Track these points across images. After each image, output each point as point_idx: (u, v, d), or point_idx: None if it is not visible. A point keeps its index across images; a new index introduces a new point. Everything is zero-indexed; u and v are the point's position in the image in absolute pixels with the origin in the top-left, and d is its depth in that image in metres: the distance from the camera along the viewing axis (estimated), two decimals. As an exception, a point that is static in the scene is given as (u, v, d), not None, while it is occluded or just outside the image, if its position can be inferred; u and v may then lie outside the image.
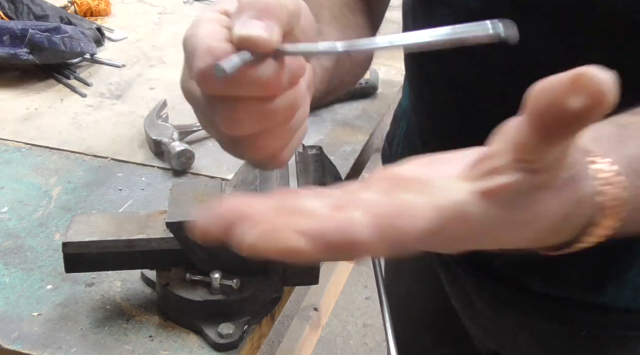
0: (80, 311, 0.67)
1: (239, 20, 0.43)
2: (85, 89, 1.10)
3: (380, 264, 0.66)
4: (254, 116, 0.45)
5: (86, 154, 0.92)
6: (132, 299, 0.68)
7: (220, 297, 0.64)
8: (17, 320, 0.66)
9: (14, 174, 0.87)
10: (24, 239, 0.76)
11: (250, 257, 0.32)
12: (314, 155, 0.69)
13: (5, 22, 1.11)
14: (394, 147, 0.89)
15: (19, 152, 0.93)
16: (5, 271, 0.72)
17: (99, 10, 1.37)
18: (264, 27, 0.43)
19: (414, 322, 0.98)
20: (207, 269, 0.64)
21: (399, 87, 1.11)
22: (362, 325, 2.18)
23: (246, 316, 0.65)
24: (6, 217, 0.80)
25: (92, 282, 0.70)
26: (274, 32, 0.43)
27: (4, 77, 1.11)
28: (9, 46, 1.08)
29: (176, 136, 0.91)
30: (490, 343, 0.85)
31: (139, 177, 0.87)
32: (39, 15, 1.20)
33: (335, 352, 2.11)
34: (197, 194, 0.66)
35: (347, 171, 0.89)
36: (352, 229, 0.31)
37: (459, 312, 0.86)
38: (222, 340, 0.63)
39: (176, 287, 0.64)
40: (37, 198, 0.83)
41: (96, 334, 0.64)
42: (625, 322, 0.72)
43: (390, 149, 0.91)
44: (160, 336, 0.64)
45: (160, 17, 1.40)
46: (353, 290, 2.25)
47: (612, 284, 0.70)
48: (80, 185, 0.86)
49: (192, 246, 0.64)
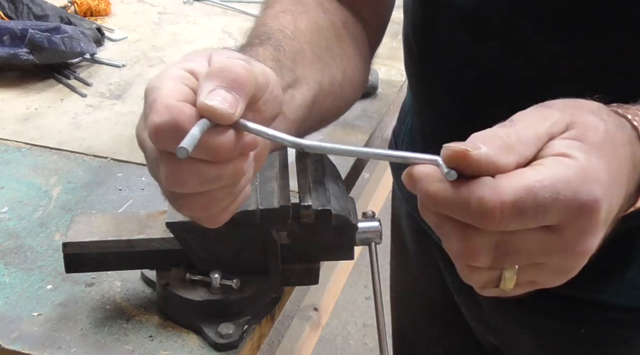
0: (80, 311, 0.67)
1: (205, 87, 0.44)
2: (85, 89, 1.10)
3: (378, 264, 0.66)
4: (198, 178, 0.45)
5: (86, 154, 0.92)
6: (132, 299, 0.68)
7: (220, 297, 0.64)
8: (17, 320, 0.66)
9: (14, 174, 0.87)
10: (24, 239, 0.76)
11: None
12: (314, 155, 0.69)
13: (5, 22, 1.11)
14: (400, 142, 0.90)
15: (19, 152, 0.93)
16: (5, 271, 0.72)
17: (99, 10, 1.37)
18: (230, 101, 0.43)
19: (421, 314, 0.99)
20: (207, 269, 0.64)
21: (399, 87, 1.11)
22: (362, 325, 2.18)
23: (246, 316, 0.65)
24: (6, 217, 0.80)
25: (92, 282, 0.70)
26: (238, 107, 0.43)
27: (4, 77, 1.10)
28: (9, 46, 1.08)
29: (176, 136, 0.91)
30: (492, 340, 0.85)
31: (139, 177, 0.87)
32: (39, 15, 1.20)
33: (335, 352, 2.11)
34: (197, 194, 0.66)
35: (347, 171, 0.89)
36: None
37: (462, 307, 0.86)
38: (222, 340, 0.63)
39: (176, 287, 0.64)
40: (37, 198, 0.83)
41: (96, 334, 0.64)
42: (626, 320, 0.72)
43: (396, 144, 0.91)
44: (160, 336, 0.64)
45: (160, 17, 1.40)
46: (353, 290, 2.25)
47: (613, 281, 0.70)
48: (80, 185, 0.86)
49: (192, 246, 0.64)
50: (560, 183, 0.41)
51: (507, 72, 0.65)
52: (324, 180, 0.65)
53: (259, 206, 0.61)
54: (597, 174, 0.42)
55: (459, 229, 0.42)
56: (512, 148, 0.42)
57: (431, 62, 0.73)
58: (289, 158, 0.68)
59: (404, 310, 1.03)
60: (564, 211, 0.41)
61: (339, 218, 0.63)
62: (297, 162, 0.68)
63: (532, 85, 0.64)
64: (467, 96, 0.69)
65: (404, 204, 0.90)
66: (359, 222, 0.65)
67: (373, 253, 0.66)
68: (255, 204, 0.61)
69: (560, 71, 0.62)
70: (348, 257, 0.67)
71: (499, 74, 0.65)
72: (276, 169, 0.66)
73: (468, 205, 0.41)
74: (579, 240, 0.43)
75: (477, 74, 0.67)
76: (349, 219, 0.64)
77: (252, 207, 0.61)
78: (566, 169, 0.41)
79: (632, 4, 0.57)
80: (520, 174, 0.41)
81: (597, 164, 0.42)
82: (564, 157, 0.42)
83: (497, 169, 0.41)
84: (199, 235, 0.63)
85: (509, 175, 0.41)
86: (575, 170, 0.41)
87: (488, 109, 0.68)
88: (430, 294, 0.94)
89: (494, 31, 0.64)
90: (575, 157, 0.42)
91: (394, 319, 1.05)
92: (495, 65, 0.65)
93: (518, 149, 0.42)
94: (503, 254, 0.43)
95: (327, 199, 0.63)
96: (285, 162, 0.67)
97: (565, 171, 0.41)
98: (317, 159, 0.68)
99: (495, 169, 0.41)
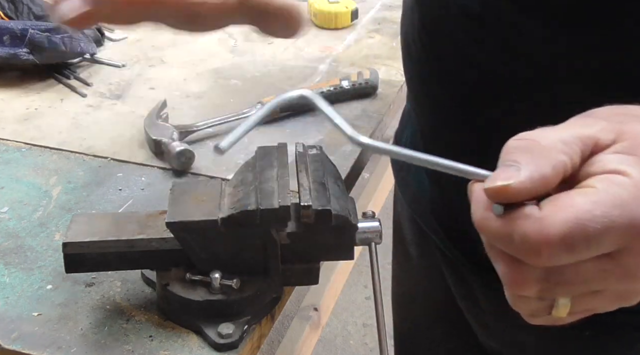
0: (80, 311, 0.67)
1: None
2: (85, 89, 1.10)
3: (378, 264, 0.66)
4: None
5: (86, 154, 0.92)
6: (132, 299, 0.68)
7: (220, 297, 0.64)
8: (17, 320, 0.66)
9: (14, 174, 0.87)
10: (24, 239, 0.76)
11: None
12: (314, 155, 0.69)
13: (5, 22, 1.11)
14: (402, 144, 0.90)
15: (19, 152, 0.93)
16: (5, 271, 0.72)
17: (99, 10, 1.37)
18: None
19: (423, 316, 0.99)
20: (207, 269, 0.64)
21: (399, 87, 1.11)
22: (362, 325, 2.18)
23: (246, 316, 0.65)
24: (6, 217, 0.80)
25: (92, 282, 0.70)
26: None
27: (4, 77, 1.10)
28: (9, 46, 1.08)
29: (176, 136, 0.91)
30: (494, 343, 0.85)
31: (139, 177, 0.87)
32: (39, 15, 1.20)
33: (335, 352, 2.11)
34: (197, 194, 0.66)
35: (347, 171, 0.89)
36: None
37: (464, 310, 0.86)
38: (222, 340, 0.63)
39: (176, 287, 0.64)
40: (37, 198, 0.83)
41: (96, 334, 0.64)
42: (631, 323, 0.71)
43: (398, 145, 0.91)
44: (160, 336, 0.64)
45: (160, 17, 1.40)
46: (353, 290, 2.25)
47: None
48: (80, 185, 0.86)
49: (192, 246, 0.64)
50: (614, 209, 0.37)
51: (507, 72, 0.65)
52: (324, 180, 0.65)
53: (259, 206, 0.61)
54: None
55: (506, 257, 0.40)
56: (555, 153, 0.39)
57: (431, 62, 0.73)
58: (289, 158, 0.68)
59: (406, 312, 1.02)
60: (621, 238, 0.38)
61: (339, 218, 0.63)
62: (297, 162, 0.68)
63: (532, 85, 0.64)
64: (467, 96, 0.69)
65: (406, 207, 0.90)
66: (359, 222, 0.65)
67: (373, 253, 0.66)
68: (255, 204, 0.61)
69: (561, 71, 0.62)
70: (348, 257, 0.67)
71: (499, 74, 0.65)
72: (276, 169, 0.66)
73: (512, 240, 0.38)
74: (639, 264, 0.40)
75: (477, 74, 0.67)
76: (349, 219, 0.64)
77: (252, 207, 0.61)
78: (620, 189, 0.38)
79: (633, 3, 0.57)
80: (567, 202, 0.38)
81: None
82: (616, 174, 0.39)
83: (545, 185, 0.39)
84: (199, 235, 0.63)
85: (555, 205, 0.38)
86: (631, 190, 0.38)
87: (488, 108, 0.68)
88: (432, 296, 0.94)
89: (494, 31, 0.64)
90: (630, 174, 0.38)
91: (396, 320, 1.05)
92: (495, 65, 0.65)
93: (561, 153, 0.39)
94: (554, 285, 0.40)
95: (327, 199, 0.63)
96: (285, 162, 0.67)
97: (619, 193, 0.38)
98: (317, 159, 0.68)
99: (543, 186, 0.39)
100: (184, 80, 1.13)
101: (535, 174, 0.38)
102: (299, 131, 0.97)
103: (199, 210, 0.63)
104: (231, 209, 0.62)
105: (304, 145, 0.70)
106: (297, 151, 0.69)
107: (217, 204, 0.64)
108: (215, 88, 1.11)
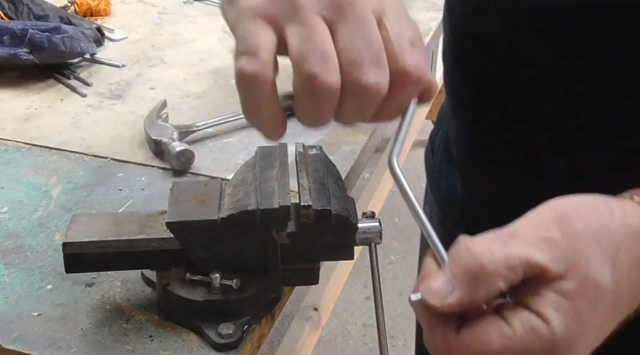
0: (80, 311, 0.67)
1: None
2: (85, 89, 1.10)
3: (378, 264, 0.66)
4: None
5: (86, 154, 0.92)
6: (132, 299, 0.68)
7: (220, 297, 0.64)
8: (17, 320, 0.66)
9: (14, 174, 0.87)
10: (24, 239, 0.76)
11: None
12: (314, 155, 0.69)
13: (5, 22, 1.11)
14: (436, 147, 0.90)
15: (19, 152, 0.93)
16: (5, 271, 0.72)
17: (99, 10, 1.37)
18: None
19: None
20: (207, 269, 0.64)
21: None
22: (362, 325, 2.18)
23: (246, 316, 0.65)
24: (6, 217, 0.80)
25: (92, 282, 0.70)
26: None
27: (4, 77, 1.11)
28: (9, 46, 1.08)
29: (176, 136, 0.91)
30: None
31: (139, 177, 0.87)
32: (39, 15, 1.20)
33: (335, 352, 2.11)
34: (197, 194, 0.66)
35: (347, 171, 0.89)
36: None
37: None
38: (222, 340, 0.63)
39: (176, 287, 0.64)
40: (37, 198, 0.83)
41: (96, 334, 0.64)
42: None
43: (432, 149, 0.92)
44: (160, 336, 0.64)
45: (160, 17, 1.40)
46: (353, 290, 2.25)
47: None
48: (80, 185, 0.86)
49: (192, 246, 0.64)
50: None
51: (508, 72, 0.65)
52: (324, 180, 0.65)
53: (259, 206, 0.61)
54: (570, 346, 0.41)
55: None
56: (495, 280, 0.41)
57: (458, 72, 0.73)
58: (289, 158, 0.68)
59: None
60: None
61: (339, 218, 0.63)
62: (297, 162, 0.68)
63: (533, 85, 0.64)
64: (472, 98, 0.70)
65: (436, 209, 0.90)
66: (359, 222, 0.65)
67: (373, 253, 0.66)
68: (255, 204, 0.61)
69: (562, 71, 0.62)
70: (348, 257, 0.67)
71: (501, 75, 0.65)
72: (276, 169, 0.66)
73: (429, 346, 0.43)
74: None
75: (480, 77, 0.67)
76: (349, 219, 0.64)
77: (252, 207, 0.61)
78: (534, 341, 0.40)
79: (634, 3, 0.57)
80: (482, 336, 0.41)
81: (577, 334, 0.41)
82: (542, 321, 0.40)
83: (475, 308, 0.42)
84: (199, 235, 0.63)
85: (471, 334, 0.41)
86: (543, 345, 0.40)
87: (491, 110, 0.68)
88: None
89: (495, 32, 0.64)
90: (553, 327, 0.40)
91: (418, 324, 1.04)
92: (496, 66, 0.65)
93: (501, 280, 0.41)
94: None
95: (327, 199, 0.63)
96: (285, 162, 0.67)
97: (531, 345, 0.40)
98: (317, 159, 0.68)
99: (472, 308, 0.42)
100: (184, 80, 1.13)
101: (466, 300, 0.41)
102: (299, 131, 0.97)
103: (199, 210, 0.63)
104: (231, 209, 0.62)
105: (304, 145, 0.70)
106: (297, 151, 0.69)
107: (217, 204, 0.64)
108: (215, 88, 1.11)
